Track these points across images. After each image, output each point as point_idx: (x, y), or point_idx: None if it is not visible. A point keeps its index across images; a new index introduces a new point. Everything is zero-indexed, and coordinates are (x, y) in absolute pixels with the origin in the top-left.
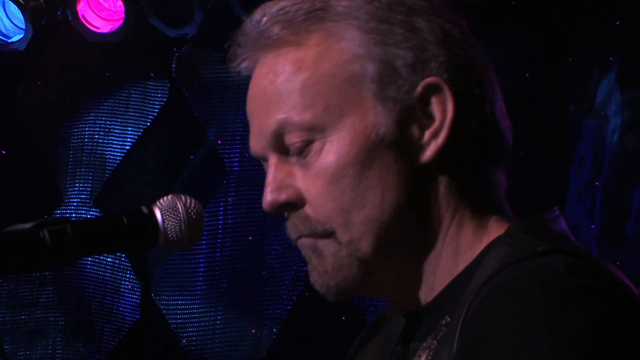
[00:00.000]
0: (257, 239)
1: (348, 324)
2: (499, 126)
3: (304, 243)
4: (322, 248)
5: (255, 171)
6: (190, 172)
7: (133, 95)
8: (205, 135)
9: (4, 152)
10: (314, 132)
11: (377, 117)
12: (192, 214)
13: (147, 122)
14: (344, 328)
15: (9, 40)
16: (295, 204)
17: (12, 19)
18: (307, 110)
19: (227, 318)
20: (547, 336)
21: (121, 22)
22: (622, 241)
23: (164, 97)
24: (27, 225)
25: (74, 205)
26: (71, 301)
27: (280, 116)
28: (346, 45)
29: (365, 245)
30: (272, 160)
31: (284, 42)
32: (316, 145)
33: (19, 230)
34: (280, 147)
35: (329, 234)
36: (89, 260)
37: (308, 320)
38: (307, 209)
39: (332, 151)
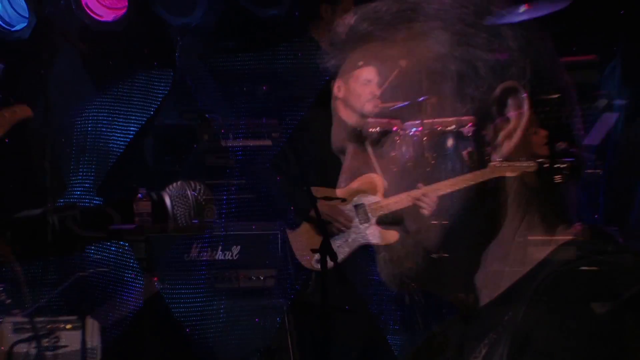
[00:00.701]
0: (260, 228)
1: (351, 313)
2: (573, 137)
3: (374, 231)
4: (390, 237)
5: (258, 160)
6: (193, 161)
7: (136, 84)
8: (208, 124)
9: (6, 140)
10: (392, 124)
11: (453, 113)
12: (201, 200)
13: (151, 110)
14: (347, 317)
15: (13, 29)
16: (368, 191)
17: (15, 8)
18: (387, 102)
19: (231, 307)
20: (608, 327)
21: (124, 10)
22: (626, 231)
23: (168, 86)
24: (37, 211)
25: (77, 194)
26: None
27: (360, 108)
28: (431, 43)
29: (432, 236)
30: (350, 150)
31: (371, 38)
32: (392, 136)
33: (27, 216)
34: (358, 137)
35: (397, 222)
36: (92, 249)
37: (311, 310)
38: (379, 197)
39: (406, 142)
